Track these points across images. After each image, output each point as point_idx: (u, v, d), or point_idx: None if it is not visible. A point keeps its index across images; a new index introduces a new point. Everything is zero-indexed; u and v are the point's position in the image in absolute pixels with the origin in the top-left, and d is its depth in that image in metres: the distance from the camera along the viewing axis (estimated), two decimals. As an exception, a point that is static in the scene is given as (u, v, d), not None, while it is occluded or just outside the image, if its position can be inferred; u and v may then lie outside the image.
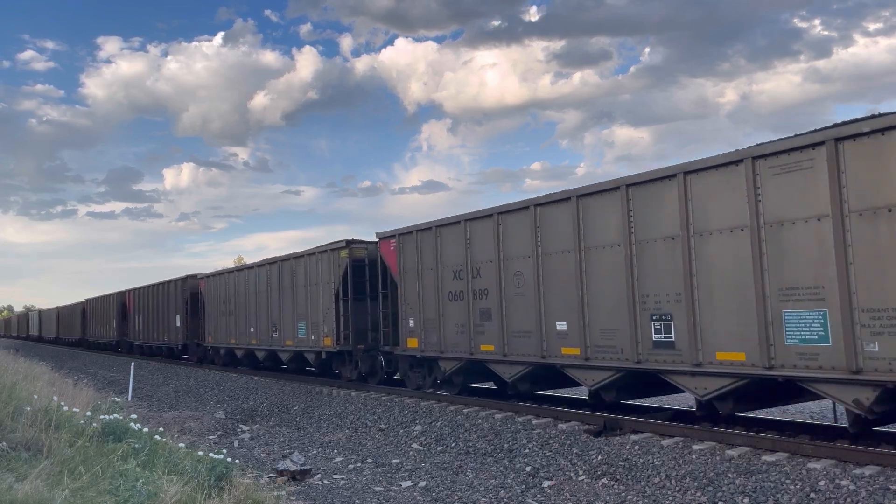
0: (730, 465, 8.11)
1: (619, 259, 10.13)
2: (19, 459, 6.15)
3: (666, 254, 9.52)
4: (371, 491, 8.72)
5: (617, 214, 10.19)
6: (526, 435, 10.63)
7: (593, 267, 10.60)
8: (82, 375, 21.55)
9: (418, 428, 12.13)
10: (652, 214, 9.74)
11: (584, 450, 9.50)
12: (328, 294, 17.62)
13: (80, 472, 5.80)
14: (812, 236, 7.97)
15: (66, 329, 53.86)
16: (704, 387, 9.15)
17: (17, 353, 27.85)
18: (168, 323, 29.79)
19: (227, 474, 6.69)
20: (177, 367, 27.33)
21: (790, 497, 7.04)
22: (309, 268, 18.75)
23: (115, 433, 7.52)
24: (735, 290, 8.69)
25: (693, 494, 7.56)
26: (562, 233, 11.14)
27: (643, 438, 9.58)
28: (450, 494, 8.30)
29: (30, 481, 5.19)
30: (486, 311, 12.57)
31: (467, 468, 9.53)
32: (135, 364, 23.16)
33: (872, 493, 6.77)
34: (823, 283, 7.86)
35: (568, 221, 10.99)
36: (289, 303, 19.80)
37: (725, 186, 8.85)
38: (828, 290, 7.82)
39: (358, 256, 17.01)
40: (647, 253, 9.79)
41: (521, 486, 8.42)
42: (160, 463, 6.71)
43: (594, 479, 8.52)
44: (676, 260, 9.36)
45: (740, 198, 8.66)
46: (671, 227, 9.47)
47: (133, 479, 5.88)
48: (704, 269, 9.06)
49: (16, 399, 8.33)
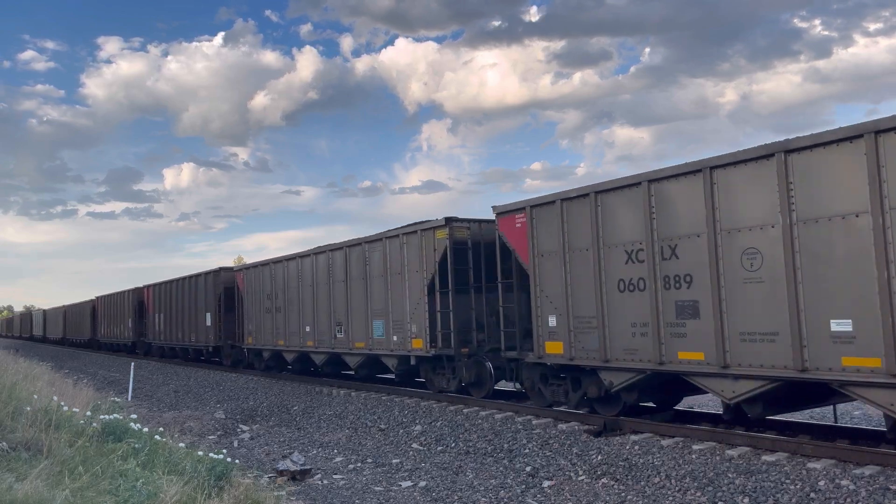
0: (730, 465, 8.12)
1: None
2: (19, 459, 6.16)
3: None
4: (371, 491, 8.72)
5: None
6: (526, 435, 10.63)
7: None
8: (82, 375, 21.55)
9: (418, 428, 12.13)
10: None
11: (584, 450, 9.50)
12: (418, 285, 14.41)
13: (80, 472, 5.80)
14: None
15: (75, 329, 50.64)
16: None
17: (17, 353, 27.84)
18: (196, 322, 26.62)
19: (227, 474, 6.69)
20: (177, 368, 27.29)
21: (790, 497, 7.04)
22: (390, 253, 15.38)
23: (115, 433, 7.52)
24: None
25: (693, 494, 7.56)
26: (840, 187, 7.69)
27: (643, 438, 9.58)
28: (450, 494, 8.30)
29: (30, 481, 5.19)
30: (690, 306, 9.26)
31: (467, 468, 9.53)
32: (135, 364, 23.15)
33: (872, 493, 6.77)
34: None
35: (855, 170, 7.53)
36: (360, 297, 16.41)
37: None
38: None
39: (459, 237, 13.87)
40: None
41: (521, 486, 8.42)
42: (160, 463, 6.70)
43: (594, 479, 8.52)
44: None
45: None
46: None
47: (133, 479, 5.88)
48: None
49: (16, 399, 8.33)
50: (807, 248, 7.92)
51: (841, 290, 7.65)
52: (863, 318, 7.45)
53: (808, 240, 7.92)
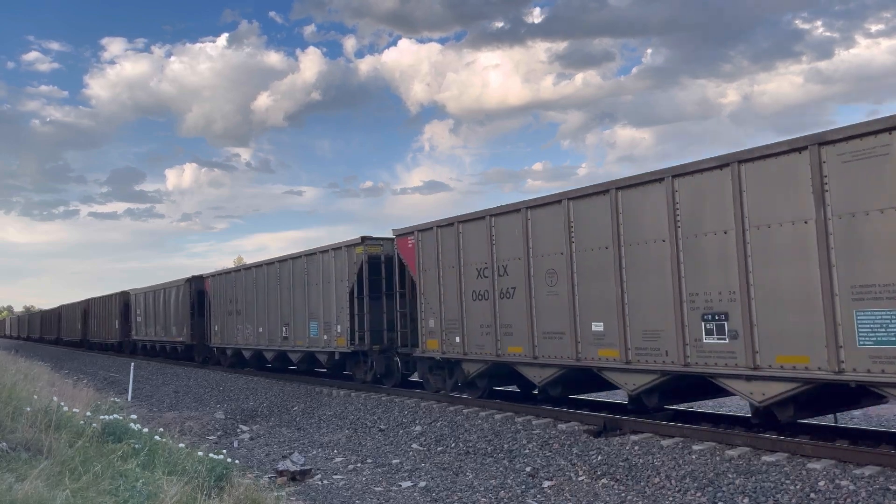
0: (730, 465, 8.11)
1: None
2: (19, 460, 6.15)
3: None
4: (371, 491, 8.72)
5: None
6: (526, 435, 10.63)
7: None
8: (82, 376, 21.53)
9: (418, 428, 12.13)
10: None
11: (584, 450, 9.50)
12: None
13: (80, 473, 5.79)
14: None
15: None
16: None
17: (17, 353, 27.84)
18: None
19: (227, 475, 6.69)
20: (176, 368, 27.31)
21: (790, 497, 7.04)
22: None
23: (115, 433, 7.52)
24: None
25: (693, 495, 7.56)
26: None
27: (643, 439, 9.58)
28: (450, 495, 8.30)
29: (30, 481, 5.19)
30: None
31: (467, 468, 9.53)
32: (135, 364, 23.16)
33: (872, 494, 6.77)
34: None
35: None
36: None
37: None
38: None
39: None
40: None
41: (521, 487, 8.41)
42: (160, 463, 6.70)
43: (594, 479, 8.51)
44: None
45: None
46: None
47: (133, 479, 5.88)
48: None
49: (16, 399, 8.32)
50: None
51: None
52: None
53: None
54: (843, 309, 7.62)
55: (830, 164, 7.73)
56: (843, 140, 7.66)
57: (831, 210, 7.76)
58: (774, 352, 8.24)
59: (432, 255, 13.86)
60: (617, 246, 10.16)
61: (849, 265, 7.60)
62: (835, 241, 7.71)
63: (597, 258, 10.52)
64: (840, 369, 7.60)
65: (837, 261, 7.68)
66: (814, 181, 7.85)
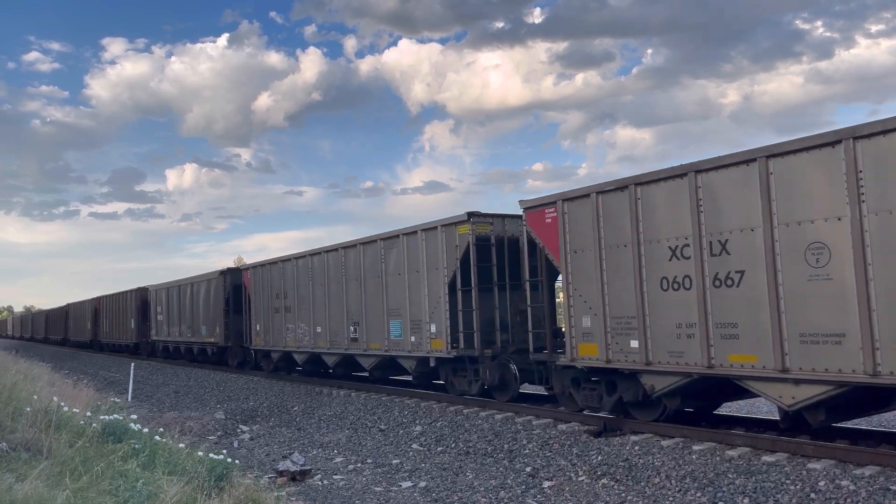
0: (730, 465, 8.12)
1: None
2: (19, 460, 6.15)
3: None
4: (371, 491, 8.72)
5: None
6: (526, 435, 10.63)
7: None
8: (82, 376, 21.52)
9: (418, 428, 12.13)
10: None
11: (584, 450, 9.50)
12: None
13: (80, 473, 5.79)
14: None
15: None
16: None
17: (17, 353, 27.84)
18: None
19: (227, 475, 6.69)
20: (176, 368, 27.26)
21: (790, 497, 7.04)
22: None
23: (115, 434, 7.52)
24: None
25: (693, 495, 7.56)
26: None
27: (643, 439, 9.58)
28: (450, 495, 8.30)
29: (30, 482, 5.19)
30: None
31: (467, 469, 9.53)
32: (135, 364, 23.15)
33: (872, 494, 6.77)
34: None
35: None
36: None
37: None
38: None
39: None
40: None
41: (521, 487, 8.42)
42: (160, 463, 6.70)
43: (594, 479, 8.52)
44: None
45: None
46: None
47: (133, 479, 5.88)
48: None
49: (16, 399, 8.33)
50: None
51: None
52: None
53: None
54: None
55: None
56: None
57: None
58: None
59: (587, 232, 10.59)
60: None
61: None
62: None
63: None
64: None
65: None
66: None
